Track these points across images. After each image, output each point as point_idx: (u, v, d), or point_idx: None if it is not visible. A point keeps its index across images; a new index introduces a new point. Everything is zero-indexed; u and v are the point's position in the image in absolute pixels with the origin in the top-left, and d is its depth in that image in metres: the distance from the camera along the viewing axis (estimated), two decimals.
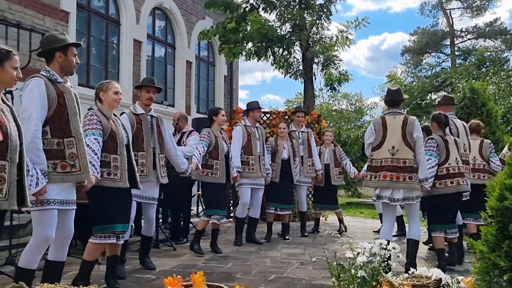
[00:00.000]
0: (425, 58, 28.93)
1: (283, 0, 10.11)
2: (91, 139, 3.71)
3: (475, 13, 28.03)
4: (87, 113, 3.88)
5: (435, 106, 6.56)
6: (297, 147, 7.16)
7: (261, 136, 6.61)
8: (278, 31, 9.70)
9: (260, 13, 9.99)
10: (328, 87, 10.81)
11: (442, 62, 28.28)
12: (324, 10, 9.91)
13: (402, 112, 4.91)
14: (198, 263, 5.19)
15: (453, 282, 3.03)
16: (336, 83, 10.49)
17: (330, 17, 9.98)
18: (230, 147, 6.11)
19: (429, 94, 23.30)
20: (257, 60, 9.93)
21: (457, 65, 24.71)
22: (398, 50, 39.35)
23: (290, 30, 9.83)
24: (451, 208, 5.09)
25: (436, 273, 3.10)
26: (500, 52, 25.13)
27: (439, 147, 5.05)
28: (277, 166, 6.91)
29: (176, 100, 12.75)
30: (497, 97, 13.74)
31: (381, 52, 50.43)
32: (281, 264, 5.20)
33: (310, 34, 10.03)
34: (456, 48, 27.63)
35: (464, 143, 5.64)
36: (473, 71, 20.13)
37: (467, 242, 2.83)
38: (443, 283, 3.02)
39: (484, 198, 2.73)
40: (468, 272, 4.20)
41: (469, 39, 28.30)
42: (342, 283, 2.98)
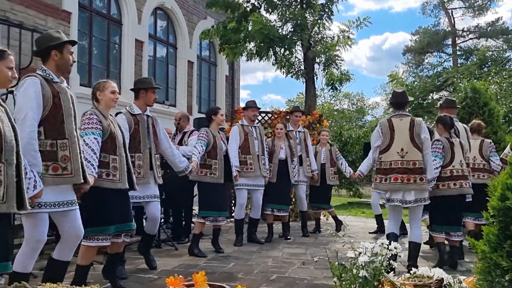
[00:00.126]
0: (427, 58, 28.95)
1: (285, 0, 10.10)
2: (91, 138, 3.65)
3: (477, 13, 28.01)
4: (86, 112, 3.81)
5: (437, 108, 6.56)
6: (295, 147, 7.14)
7: (260, 136, 6.56)
8: (280, 31, 9.70)
9: (262, 13, 10.00)
10: (329, 87, 10.80)
11: (444, 62, 28.33)
12: (326, 10, 9.89)
13: (409, 114, 4.92)
14: (200, 263, 5.18)
15: (455, 282, 3.03)
16: (337, 83, 10.49)
17: (332, 17, 9.94)
18: (228, 147, 6.07)
19: (431, 94, 23.32)
20: (259, 60, 9.92)
21: (459, 65, 24.71)
22: (400, 50, 39.47)
23: (292, 30, 9.81)
24: (453, 210, 5.09)
25: (438, 273, 3.10)
26: (502, 52, 25.12)
27: (445, 149, 5.06)
28: (274, 167, 6.86)
29: (178, 100, 12.75)
30: (499, 97, 13.73)
31: (383, 52, 50.53)
32: (283, 264, 5.20)
33: (312, 34, 10.01)
34: (458, 48, 27.61)
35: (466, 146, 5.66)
36: (475, 71, 20.14)
37: (469, 242, 2.82)
38: (445, 283, 3.02)
39: (485, 198, 2.73)
40: (470, 272, 4.21)
41: (471, 39, 28.31)
42: (344, 283, 2.98)
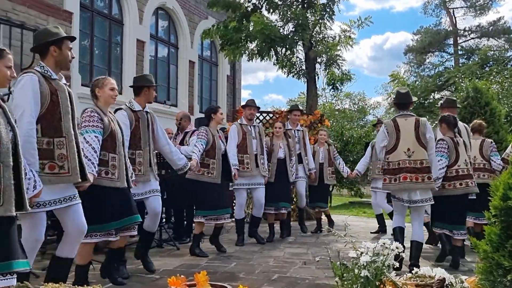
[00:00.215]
0: (428, 58, 28.90)
1: (286, 0, 10.10)
2: (92, 136, 3.63)
3: (479, 12, 27.96)
4: (87, 109, 3.78)
5: (438, 108, 6.56)
6: (293, 146, 7.13)
7: (259, 135, 6.51)
8: (281, 31, 9.69)
9: (263, 13, 10.00)
10: (330, 87, 10.80)
11: (445, 62, 28.26)
12: (327, 10, 9.89)
13: (413, 114, 4.95)
14: (202, 263, 5.19)
15: (457, 282, 3.03)
16: (339, 83, 10.49)
17: (333, 17, 9.95)
18: (227, 146, 6.05)
19: (432, 94, 23.27)
20: (260, 60, 9.93)
21: (460, 65, 24.68)
22: (401, 50, 39.34)
23: (293, 30, 9.81)
24: (456, 208, 5.10)
25: (440, 273, 3.10)
26: (504, 51, 25.11)
27: (449, 149, 5.07)
28: (273, 166, 6.84)
29: (179, 100, 12.75)
30: (501, 97, 13.69)
31: (384, 52, 50.52)
32: (284, 264, 5.20)
33: (313, 34, 10.01)
34: (459, 47, 27.58)
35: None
36: (477, 71, 20.10)
37: (471, 242, 2.82)
38: (447, 283, 3.02)
39: (485, 197, 2.73)
40: (472, 272, 4.20)
41: (473, 38, 28.26)
42: (346, 283, 2.98)
